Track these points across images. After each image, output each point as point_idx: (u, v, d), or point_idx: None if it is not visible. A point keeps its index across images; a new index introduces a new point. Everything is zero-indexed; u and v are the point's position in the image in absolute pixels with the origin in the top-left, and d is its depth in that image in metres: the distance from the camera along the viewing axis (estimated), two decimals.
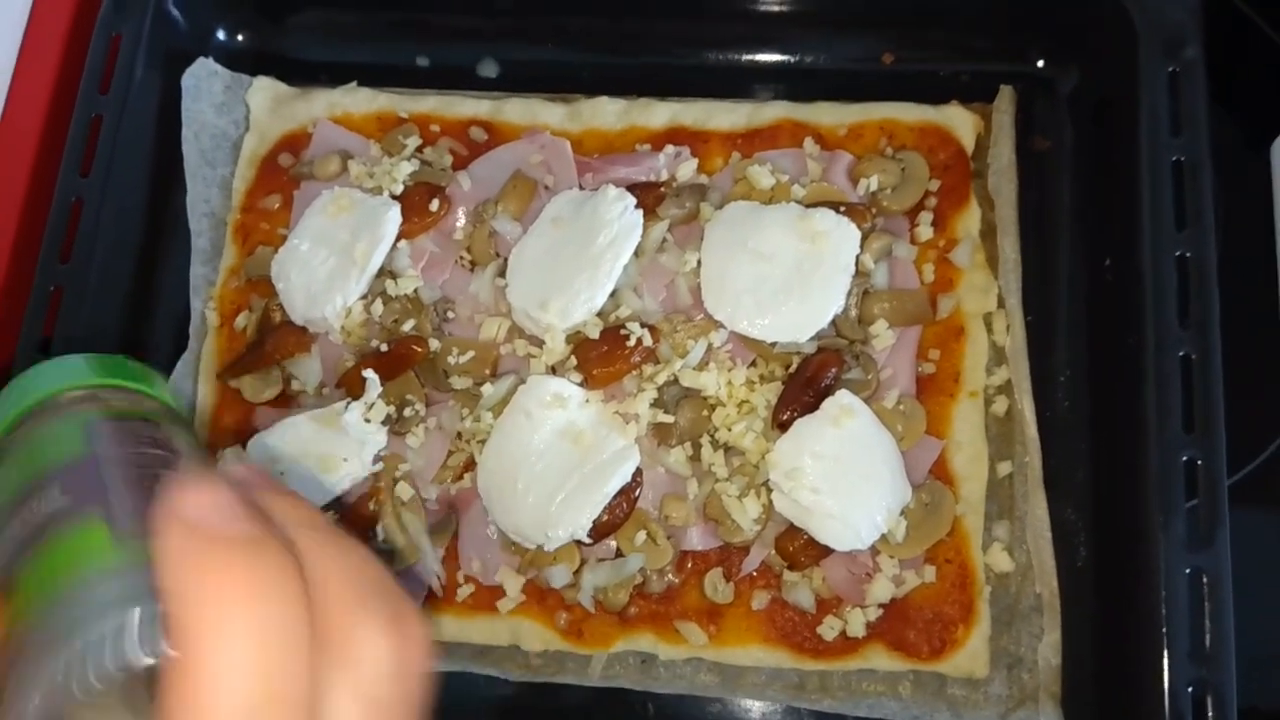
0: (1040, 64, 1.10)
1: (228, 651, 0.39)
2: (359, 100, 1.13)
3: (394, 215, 1.04)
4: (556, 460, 0.96)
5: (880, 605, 0.94)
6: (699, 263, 1.01)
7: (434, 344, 1.03)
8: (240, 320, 1.07)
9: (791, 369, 0.99)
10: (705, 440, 0.97)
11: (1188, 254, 0.93)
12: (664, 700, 0.97)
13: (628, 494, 0.96)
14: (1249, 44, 1.16)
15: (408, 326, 1.03)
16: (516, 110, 1.11)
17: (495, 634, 0.97)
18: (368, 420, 0.99)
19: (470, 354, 1.02)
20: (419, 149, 1.10)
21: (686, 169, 1.06)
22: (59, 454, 0.46)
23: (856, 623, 0.93)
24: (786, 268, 0.98)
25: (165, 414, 0.51)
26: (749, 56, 1.15)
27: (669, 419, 0.97)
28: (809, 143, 1.06)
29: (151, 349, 1.08)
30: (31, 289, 1.02)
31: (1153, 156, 0.95)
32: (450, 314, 1.05)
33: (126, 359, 0.55)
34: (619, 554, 0.97)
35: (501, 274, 1.04)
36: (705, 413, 0.98)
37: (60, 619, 0.41)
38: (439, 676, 0.95)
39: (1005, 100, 1.06)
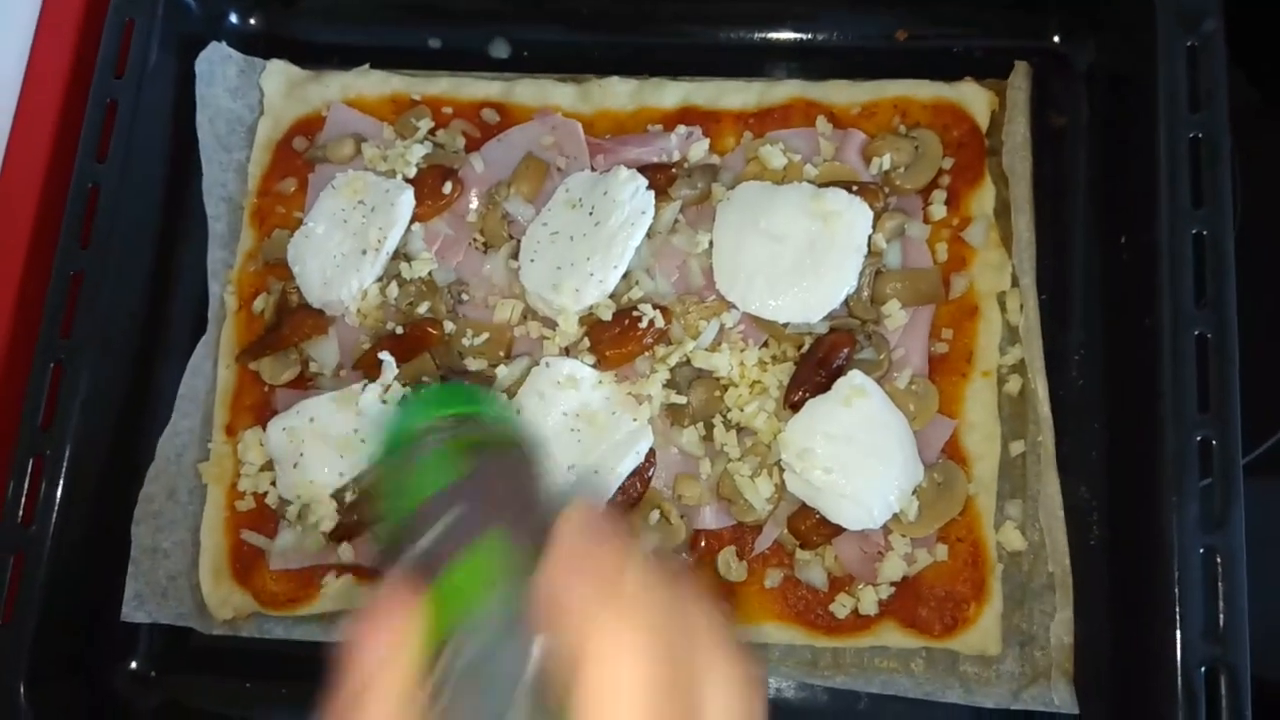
0: (1056, 39, 1.09)
1: (629, 645, 0.44)
2: (372, 83, 1.13)
3: (407, 198, 1.05)
4: (570, 441, 0.97)
5: (892, 583, 0.95)
6: (711, 243, 1.01)
7: (449, 326, 1.03)
8: (258, 303, 1.08)
9: (804, 349, 0.99)
10: (718, 420, 0.98)
11: (1204, 232, 0.92)
12: None
13: (641, 474, 0.97)
14: (1270, 14, 1.14)
15: (423, 309, 1.04)
16: (528, 91, 1.11)
17: None
18: (385, 401, 1.00)
19: (485, 336, 1.03)
20: (431, 131, 1.10)
21: (698, 149, 1.06)
22: (448, 477, 0.52)
23: (869, 601, 0.94)
24: (798, 248, 0.98)
25: (515, 438, 0.57)
26: (761, 35, 1.14)
27: (681, 400, 0.98)
28: (821, 121, 1.05)
29: (171, 332, 1.10)
30: (51, 274, 1.03)
31: (1170, 133, 0.94)
32: (464, 296, 1.06)
33: (473, 388, 0.64)
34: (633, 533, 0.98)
35: (515, 256, 1.05)
36: (717, 393, 0.98)
37: (479, 625, 0.47)
38: None
39: (1020, 76, 1.05)
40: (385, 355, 1.00)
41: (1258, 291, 0.93)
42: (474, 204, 1.08)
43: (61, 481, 0.98)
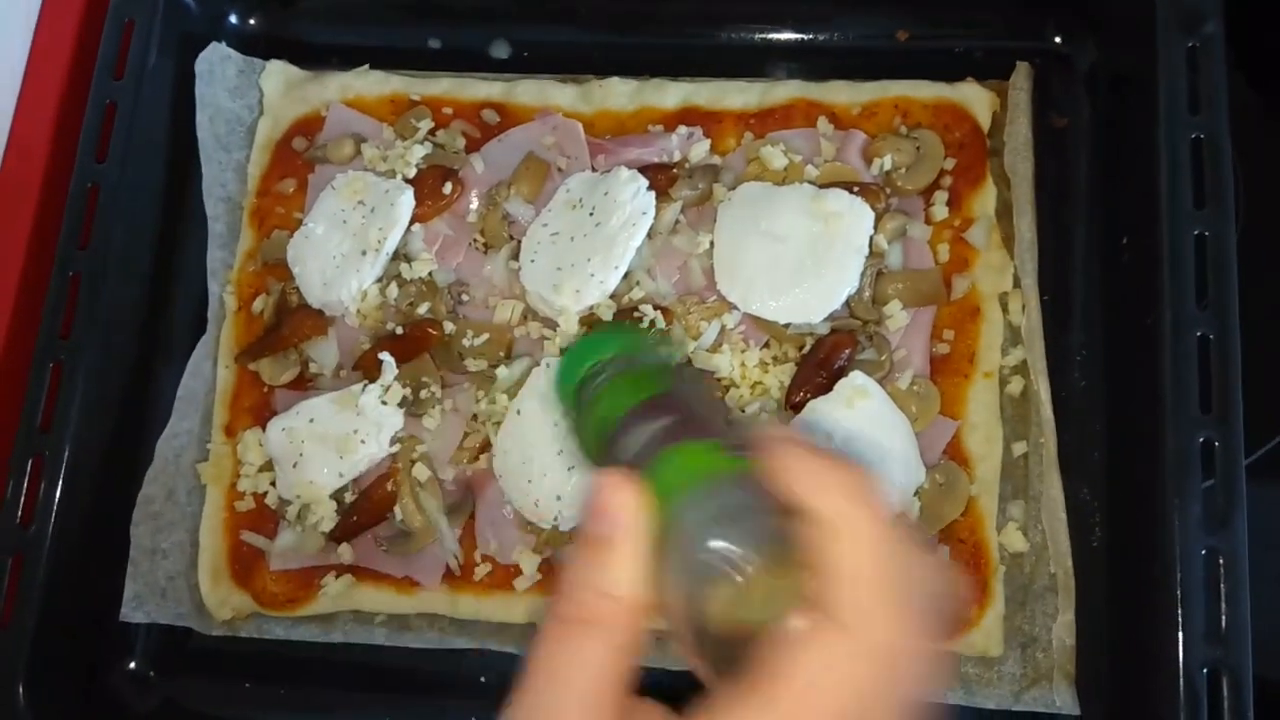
0: (1057, 40, 1.09)
1: (861, 522, 0.47)
2: (371, 83, 1.13)
3: (407, 199, 1.05)
4: (571, 442, 0.96)
5: None
6: (712, 244, 1.01)
7: (449, 327, 1.03)
8: (257, 304, 1.08)
9: (805, 350, 0.99)
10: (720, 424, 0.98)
11: (1206, 233, 0.92)
12: (679, 676, 0.97)
13: None
14: (1272, 16, 1.14)
15: (423, 309, 1.04)
16: (528, 92, 1.11)
17: (512, 612, 0.98)
18: (384, 402, 1.00)
19: (485, 336, 1.02)
20: (431, 132, 1.10)
21: (699, 150, 1.05)
22: (651, 389, 0.57)
23: None
24: (800, 249, 0.98)
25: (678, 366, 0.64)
26: (761, 35, 1.14)
27: None
28: (822, 122, 1.05)
29: (170, 332, 1.10)
30: (50, 275, 1.03)
31: (1171, 134, 0.94)
32: (465, 297, 1.06)
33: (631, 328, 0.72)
34: None
35: (515, 256, 1.04)
36: (719, 393, 0.98)
37: (698, 508, 0.50)
38: (458, 654, 0.97)
39: (1021, 77, 1.05)
40: (385, 356, 1.00)
41: (1260, 292, 0.93)
42: (474, 204, 1.08)
43: (60, 482, 0.98)
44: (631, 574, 0.49)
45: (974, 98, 1.05)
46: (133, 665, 1.04)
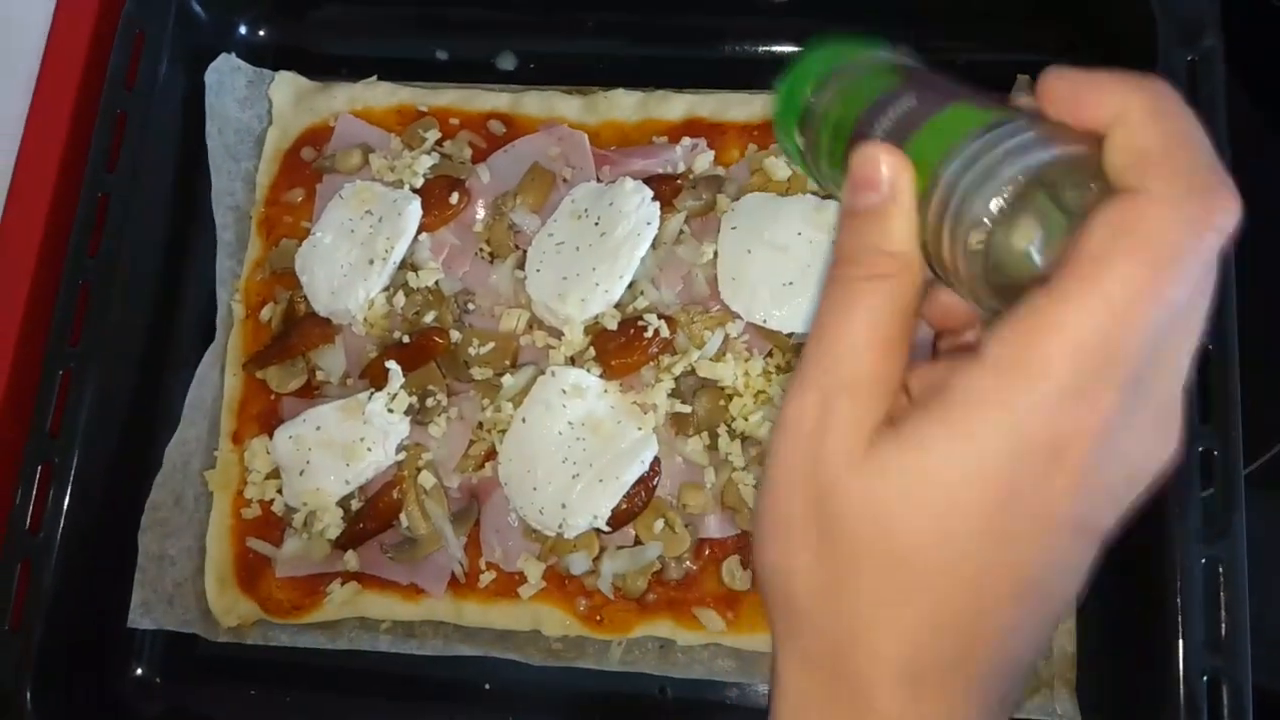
0: (1058, 53, 1.10)
1: (1161, 100, 0.43)
2: (379, 94, 1.15)
3: (415, 208, 1.06)
4: (576, 449, 0.97)
5: None
6: (715, 254, 1.02)
7: (455, 335, 1.04)
8: (265, 312, 1.09)
9: None
10: (722, 430, 0.99)
11: None
12: (682, 684, 0.98)
13: (646, 483, 0.98)
14: (1271, 29, 1.15)
15: (429, 318, 1.05)
16: (534, 103, 1.12)
17: (517, 619, 0.99)
18: (391, 410, 1.01)
19: (490, 345, 1.03)
20: (439, 142, 1.11)
21: (703, 161, 1.06)
22: (887, 83, 0.53)
23: None
24: (803, 259, 0.99)
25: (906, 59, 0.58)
26: (765, 48, 1.15)
27: (686, 409, 0.98)
28: None
29: (178, 340, 1.11)
30: (60, 283, 1.04)
31: None
32: (471, 306, 1.07)
33: (848, 36, 0.61)
34: (638, 542, 0.99)
35: (521, 266, 1.05)
36: (722, 402, 0.99)
37: (961, 145, 0.46)
38: (461, 661, 0.97)
39: (1022, 90, 1.06)
40: (392, 364, 1.01)
41: (1258, 303, 0.94)
42: (480, 214, 1.09)
43: (69, 489, 0.98)
44: (908, 232, 0.47)
45: None
46: (139, 671, 1.04)
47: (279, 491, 1.04)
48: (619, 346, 1.00)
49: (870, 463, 0.43)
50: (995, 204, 0.44)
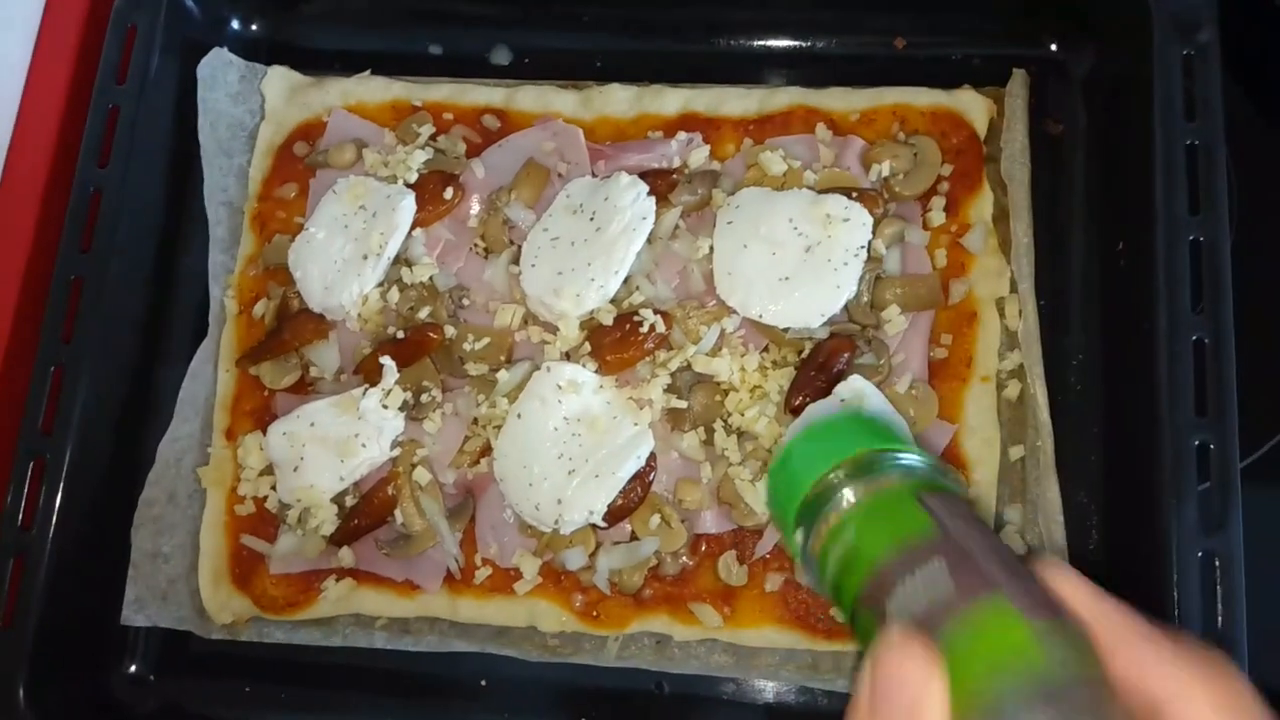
0: (1053, 47, 1.10)
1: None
2: (373, 89, 1.14)
3: (409, 203, 1.05)
4: (571, 445, 0.97)
5: None
6: (711, 249, 1.02)
7: (449, 331, 1.04)
8: (259, 308, 1.09)
9: (804, 354, 0.99)
10: (718, 425, 0.98)
11: (1201, 238, 0.93)
12: (678, 680, 0.98)
13: (642, 478, 0.97)
14: (1267, 25, 1.15)
15: (423, 314, 1.04)
16: (529, 98, 1.11)
17: (513, 615, 0.99)
18: (385, 406, 1.00)
19: (485, 341, 1.03)
20: (433, 137, 1.11)
21: (699, 155, 1.06)
22: (912, 527, 0.49)
23: None
24: (798, 254, 0.98)
25: (947, 478, 0.54)
26: (761, 42, 1.15)
27: (682, 404, 0.98)
28: (821, 128, 1.06)
29: (171, 336, 1.10)
30: (53, 278, 1.03)
31: (1166, 140, 0.95)
32: (465, 301, 1.06)
33: (880, 421, 0.58)
34: (634, 537, 0.98)
35: (516, 261, 1.05)
36: (718, 398, 0.99)
37: (1015, 687, 0.44)
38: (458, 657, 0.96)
39: (1018, 84, 1.06)
40: (386, 360, 1.01)
41: (1254, 297, 0.94)
42: (475, 209, 1.08)
43: (62, 485, 0.98)
44: None
45: (971, 105, 1.06)
46: (133, 668, 1.04)
47: (273, 488, 1.03)
48: (614, 342, 1.00)
49: None
50: None
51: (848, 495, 0.51)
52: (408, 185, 1.07)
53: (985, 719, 0.44)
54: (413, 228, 1.06)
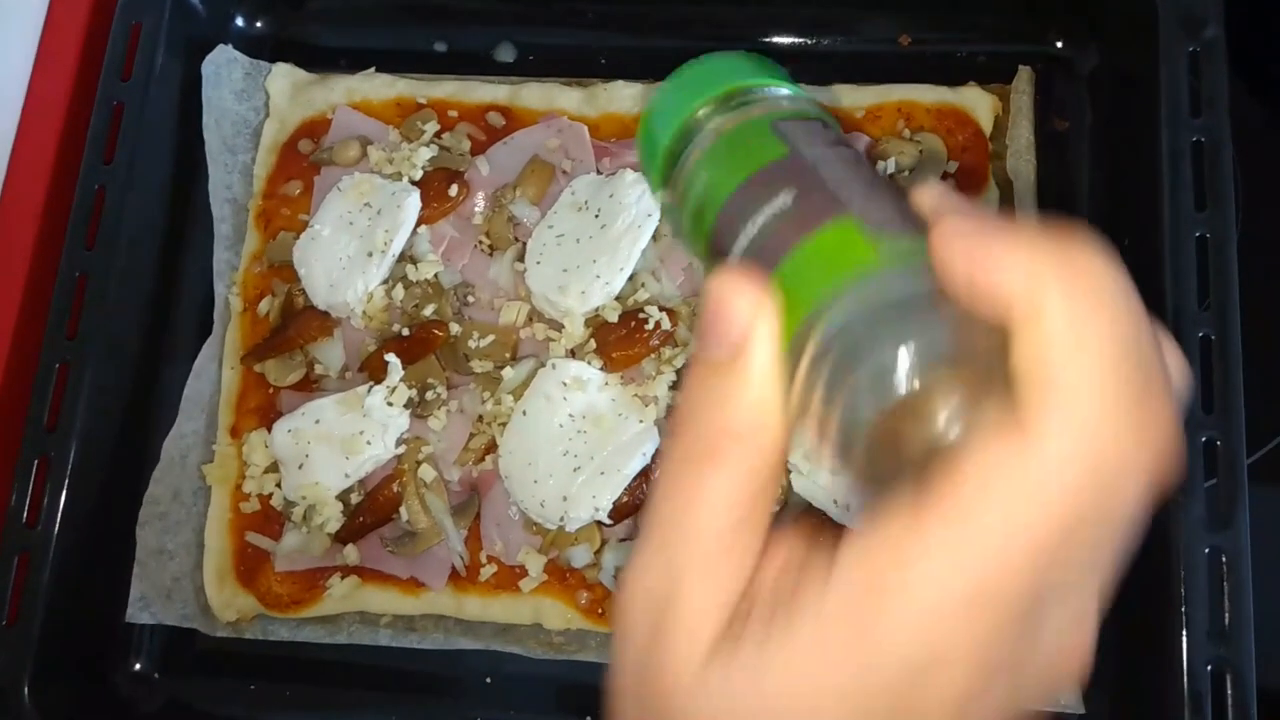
0: (1059, 44, 1.10)
1: (1081, 312, 0.36)
2: (377, 86, 1.14)
3: (414, 201, 1.05)
4: (576, 442, 0.97)
5: None
6: None
7: (454, 328, 1.04)
8: (263, 305, 1.08)
9: None
10: None
11: (1208, 235, 0.93)
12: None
13: (647, 475, 0.97)
14: (1271, 22, 1.15)
15: (428, 311, 1.04)
16: (534, 95, 1.11)
17: (518, 613, 0.99)
18: (390, 403, 1.00)
19: (490, 338, 1.03)
20: (437, 134, 1.11)
21: None
22: (762, 157, 0.44)
23: None
24: None
25: (818, 111, 0.48)
26: (764, 39, 1.15)
27: None
28: None
29: (176, 334, 1.10)
30: (57, 276, 1.03)
31: (1173, 137, 0.95)
32: (470, 298, 1.06)
33: (762, 59, 0.51)
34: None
35: (520, 258, 1.05)
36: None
37: (851, 308, 0.39)
38: (464, 655, 0.96)
39: (1023, 81, 1.06)
40: (391, 357, 1.01)
41: (1261, 294, 0.94)
42: (480, 207, 1.08)
43: (66, 483, 0.97)
44: (762, 397, 0.40)
45: (976, 101, 1.06)
46: (138, 666, 1.04)
47: (278, 485, 1.03)
48: (620, 339, 1.00)
49: (705, 682, 0.37)
50: (880, 391, 0.38)
51: (707, 133, 0.46)
52: (412, 182, 1.07)
53: (819, 349, 0.39)
54: (418, 225, 1.06)
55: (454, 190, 1.07)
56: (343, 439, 1.00)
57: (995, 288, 0.37)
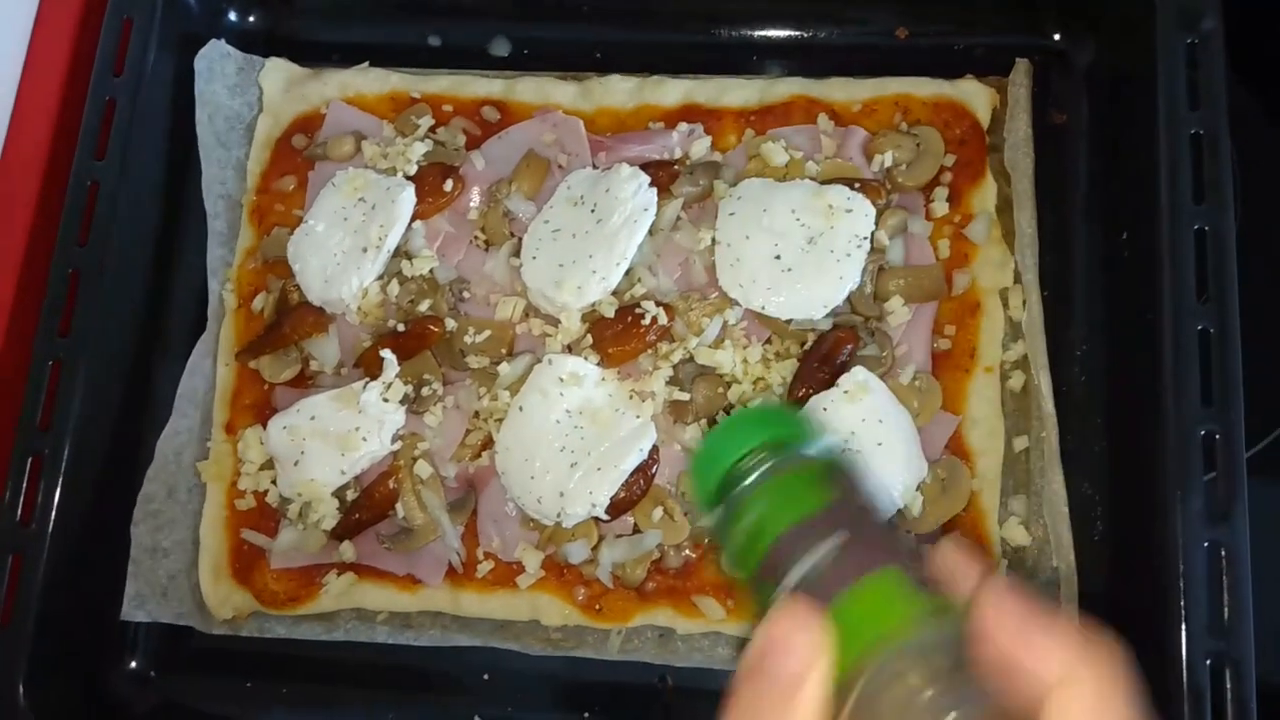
0: (1056, 37, 1.09)
1: (1095, 696, 0.44)
2: (371, 81, 1.13)
3: (408, 196, 1.05)
4: (573, 438, 0.96)
5: None
6: (713, 240, 1.01)
7: (450, 324, 1.03)
8: (258, 301, 1.08)
9: (807, 346, 0.99)
10: (721, 417, 0.98)
11: (1206, 227, 0.92)
12: (681, 673, 0.98)
13: (644, 471, 0.97)
14: (1269, 15, 1.14)
15: (424, 307, 1.04)
16: (529, 89, 1.11)
17: (515, 609, 0.98)
18: (386, 399, 1.00)
19: (486, 333, 1.02)
20: (432, 129, 1.10)
21: (700, 146, 1.05)
22: (816, 500, 0.53)
23: None
24: (801, 245, 0.98)
25: (849, 464, 0.57)
26: (762, 32, 1.14)
27: (685, 396, 0.98)
28: (823, 119, 1.06)
29: (170, 330, 1.09)
30: (49, 272, 1.02)
31: (1171, 130, 0.94)
32: (466, 294, 1.06)
33: (780, 411, 0.64)
34: (636, 530, 0.98)
35: (516, 253, 1.04)
36: (721, 390, 0.98)
37: (898, 658, 0.47)
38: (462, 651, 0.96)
39: (1021, 74, 1.05)
40: (386, 353, 1.00)
41: (1259, 286, 0.93)
42: (475, 201, 1.08)
43: (60, 481, 0.97)
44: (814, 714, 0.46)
45: (974, 94, 1.05)
46: (133, 664, 1.03)
47: (273, 482, 1.03)
48: (616, 334, 0.99)
49: None
50: None
51: (756, 475, 0.55)
52: (407, 177, 1.07)
53: (863, 688, 0.46)
54: (412, 220, 1.05)
55: (449, 185, 1.06)
56: (338, 435, 0.99)
57: (1037, 664, 0.44)
